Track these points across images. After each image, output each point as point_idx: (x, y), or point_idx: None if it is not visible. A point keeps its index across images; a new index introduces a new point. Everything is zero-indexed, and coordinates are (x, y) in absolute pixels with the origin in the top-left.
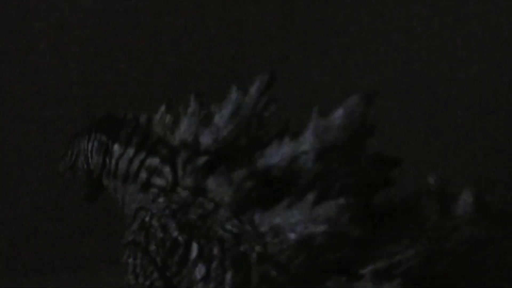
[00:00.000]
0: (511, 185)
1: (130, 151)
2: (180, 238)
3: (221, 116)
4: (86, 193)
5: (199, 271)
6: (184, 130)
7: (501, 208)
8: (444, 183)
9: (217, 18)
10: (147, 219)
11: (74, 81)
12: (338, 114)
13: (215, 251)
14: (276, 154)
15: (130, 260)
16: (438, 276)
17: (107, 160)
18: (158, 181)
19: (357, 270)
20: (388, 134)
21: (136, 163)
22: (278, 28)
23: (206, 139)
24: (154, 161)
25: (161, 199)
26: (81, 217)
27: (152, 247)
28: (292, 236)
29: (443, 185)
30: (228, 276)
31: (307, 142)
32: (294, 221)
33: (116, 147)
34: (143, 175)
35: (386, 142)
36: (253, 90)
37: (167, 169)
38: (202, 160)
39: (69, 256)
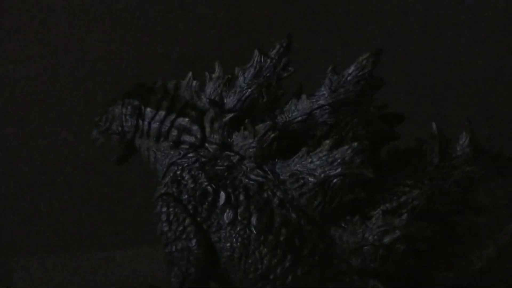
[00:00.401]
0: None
1: (161, 113)
2: (209, 187)
3: (244, 78)
4: (118, 156)
5: (227, 216)
6: (210, 93)
7: (494, 149)
8: (443, 130)
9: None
10: (178, 172)
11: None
12: (350, 70)
13: (241, 198)
14: (295, 110)
15: (164, 209)
16: (437, 213)
17: (140, 122)
18: (188, 138)
19: (369, 210)
20: (393, 91)
21: (167, 123)
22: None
23: (230, 100)
24: (184, 121)
25: (191, 154)
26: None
27: (184, 196)
28: (311, 179)
29: (442, 132)
30: (253, 219)
31: (322, 97)
32: (312, 166)
33: (148, 110)
34: (174, 133)
35: (391, 100)
36: (273, 53)
37: (195, 127)
38: (227, 117)
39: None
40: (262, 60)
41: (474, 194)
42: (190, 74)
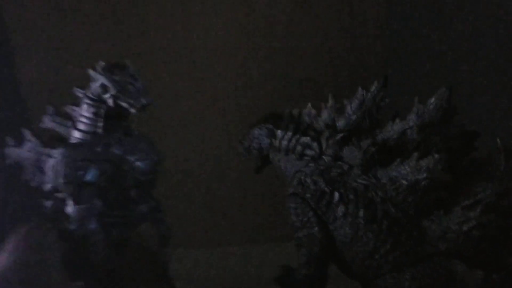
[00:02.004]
0: None
1: (289, 134)
2: (326, 189)
3: (351, 107)
4: (257, 167)
5: (340, 210)
6: (325, 118)
7: None
8: (507, 142)
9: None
10: (302, 177)
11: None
12: (432, 100)
13: (351, 196)
14: (391, 130)
15: (293, 205)
16: (505, 208)
17: (273, 140)
18: (309, 152)
19: (451, 206)
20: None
21: (293, 141)
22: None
23: (341, 123)
24: (306, 139)
25: (311, 164)
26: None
27: (308, 195)
28: (404, 182)
29: (507, 144)
30: (361, 212)
31: (412, 120)
32: (405, 172)
33: (279, 132)
34: (299, 148)
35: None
36: (373, 88)
37: (315, 144)
38: (339, 136)
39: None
40: (364, 94)
41: None
42: (309, 104)
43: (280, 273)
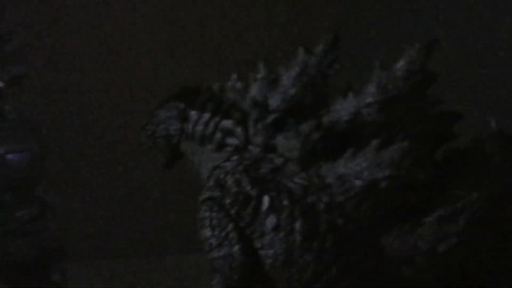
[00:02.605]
0: None
1: (206, 116)
2: (252, 191)
3: (288, 77)
4: (165, 161)
5: (270, 221)
6: (254, 94)
7: None
8: (506, 126)
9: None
10: (221, 176)
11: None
12: (400, 64)
13: (285, 202)
14: (341, 109)
15: (207, 214)
16: (500, 219)
17: (185, 125)
18: (231, 140)
19: (421, 217)
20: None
21: (211, 126)
22: None
23: (274, 100)
24: (228, 123)
25: (234, 157)
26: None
27: (227, 201)
28: (357, 183)
29: (505, 129)
30: (297, 225)
31: (370, 94)
32: (359, 168)
33: (192, 113)
34: (218, 136)
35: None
36: (318, 50)
37: (239, 130)
38: (271, 118)
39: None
40: (306, 57)
41: None
42: (235, 75)
43: None
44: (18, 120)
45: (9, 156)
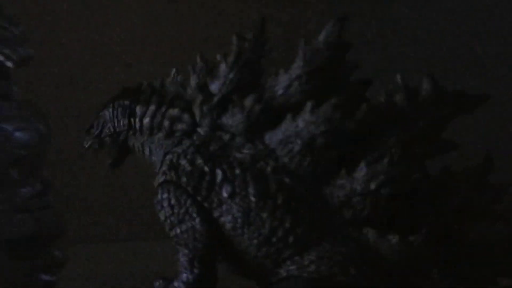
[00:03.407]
0: None
1: (152, 108)
2: (205, 167)
3: (227, 63)
4: (113, 160)
5: (226, 190)
6: (195, 83)
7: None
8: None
9: None
10: (174, 159)
11: None
12: (320, 38)
13: (237, 171)
14: (275, 84)
15: (165, 196)
16: (416, 156)
17: (132, 120)
18: (180, 126)
19: (353, 164)
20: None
21: (158, 116)
22: None
23: (215, 85)
24: (174, 111)
25: (184, 141)
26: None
27: (183, 180)
28: (298, 142)
29: (407, 82)
30: (250, 189)
31: (298, 68)
32: (298, 129)
33: (138, 108)
34: (166, 124)
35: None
36: (250, 35)
37: (186, 116)
38: (215, 99)
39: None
40: (241, 43)
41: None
42: (174, 70)
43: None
44: (25, 101)
45: (17, 134)
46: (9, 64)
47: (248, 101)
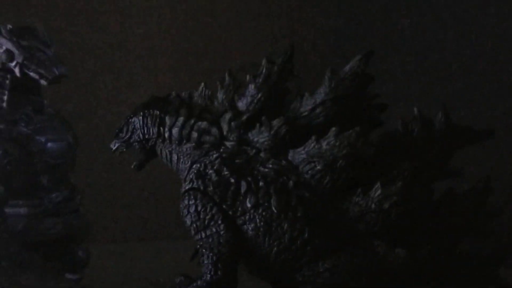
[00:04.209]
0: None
1: (181, 119)
2: (231, 178)
3: (256, 83)
4: (138, 163)
5: (250, 200)
6: (221, 99)
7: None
8: (422, 112)
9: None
10: (201, 168)
11: None
12: (347, 69)
13: (260, 184)
14: (300, 107)
15: (192, 202)
16: (425, 180)
17: (161, 129)
18: (208, 138)
19: (369, 184)
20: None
21: (187, 127)
22: None
23: (243, 103)
24: (202, 124)
25: (212, 152)
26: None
27: (210, 188)
28: (320, 161)
29: (422, 113)
30: (273, 201)
31: (324, 93)
32: (321, 150)
33: (168, 118)
34: (194, 135)
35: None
36: (279, 61)
37: (214, 129)
38: (244, 117)
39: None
40: (270, 67)
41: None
42: (202, 84)
43: (176, 285)
44: (54, 114)
45: (49, 145)
46: (43, 82)
47: (276, 122)
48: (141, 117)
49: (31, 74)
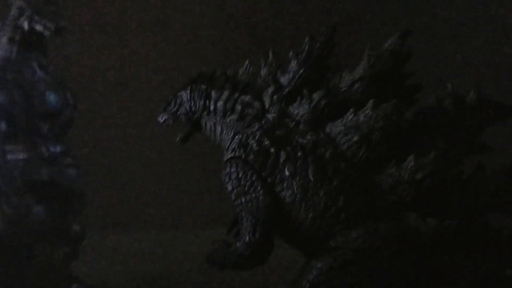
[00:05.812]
0: None
1: (226, 93)
2: (271, 148)
3: (299, 59)
4: (183, 135)
5: (288, 169)
6: (265, 75)
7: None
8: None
9: None
10: (243, 139)
11: None
12: (385, 47)
13: (299, 154)
14: (340, 82)
15: (233, 169)
16: (455, 153)
17: (207, 102)
18: (251, 111)
19: (403, 156)
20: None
21: (231, 101)
22: None
23: (285, 78)
24: (246, 97)
25: (253, 124)
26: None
27: (250, 157)
28: (357, 133)
29: (455, 90)
30: (310, 170)
31: (362, 70)
32: (358, 122)
33: (213, 92)
34: (238, 108)
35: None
36: (321, 38)
37: (257, 102)
38: (286, 90)
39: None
40: (312, 43)
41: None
42: (247, 61)
43: (213, 250)
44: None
45: (49, 93)
46: (46, 33)
47: (316, 95)
48: (188, 91)
49: (37, 27)
